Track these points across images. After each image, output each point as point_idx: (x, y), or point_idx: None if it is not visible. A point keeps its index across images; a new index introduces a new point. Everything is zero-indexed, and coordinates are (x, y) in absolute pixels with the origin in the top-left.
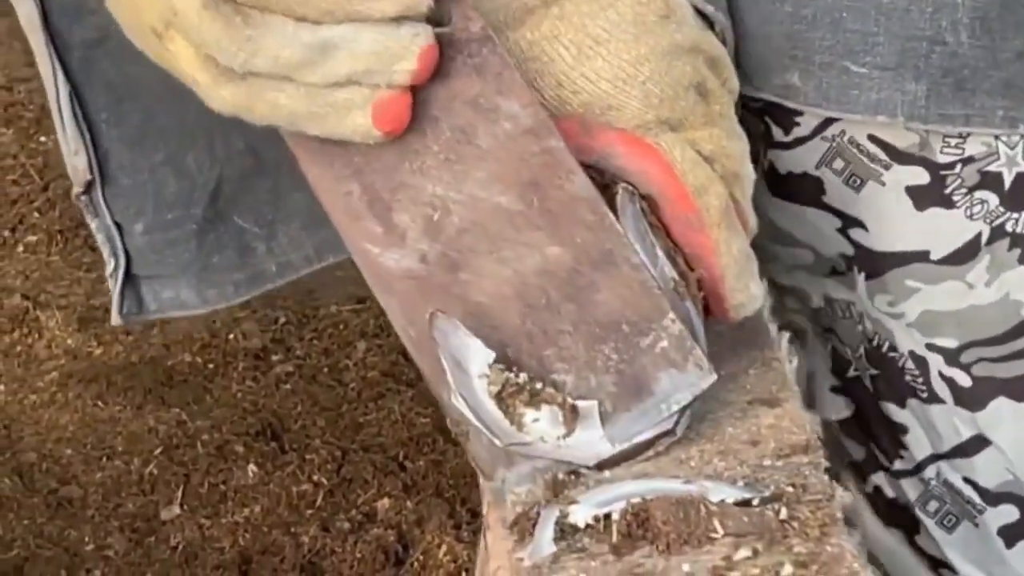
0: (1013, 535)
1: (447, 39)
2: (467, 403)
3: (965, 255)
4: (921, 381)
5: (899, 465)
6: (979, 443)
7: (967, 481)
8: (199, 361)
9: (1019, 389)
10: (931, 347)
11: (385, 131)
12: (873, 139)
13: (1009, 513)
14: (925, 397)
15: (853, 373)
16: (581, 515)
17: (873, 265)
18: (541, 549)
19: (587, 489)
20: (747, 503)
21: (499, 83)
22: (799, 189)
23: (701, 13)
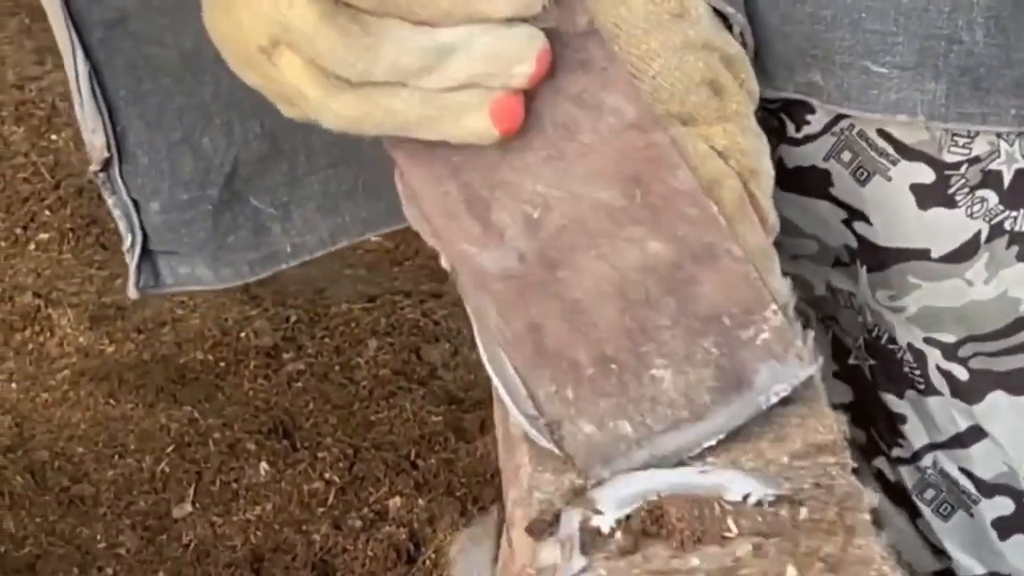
0: (1007, 527)
1: (552, 33)
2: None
3: (965, 253)
4: (919, 373)
5: (897, 453)
6: (976, 434)
7: (963, 471)
8: (211, 359)
9: (1016, 383)
10: (929, 341)
11: (503, 131)
12: (882, 134)
13: (1004, 505)
14: (923, 389)
15: (853, 361)
16: (605, 520)
17: (875, 259)
18: (572, 567)
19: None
20: (761, 503)
21: (604, 78)
22: (807, 182)
23: (720, 13)
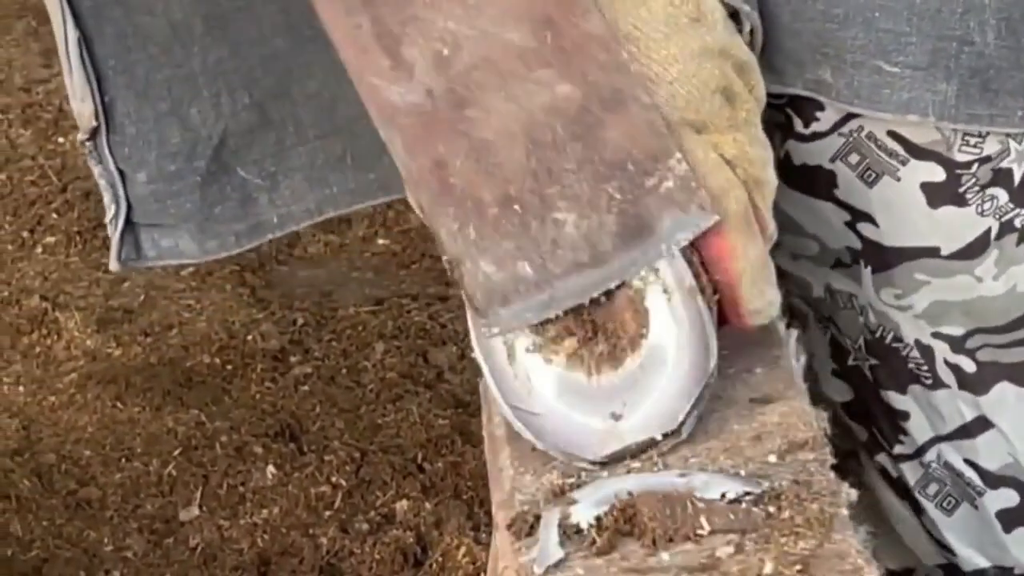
0: (1011, 519)
1: None
2: None
3: (974, 250)
4: (926, 369)
5: (899, 449)
6: (982, 424)
7: (968, 463)
8: (217, 362)
9: (1023, 375)
10: (937, 335)
11: None
12: (893, 135)
13: (1009, 497)
14: (929, 383)
15: (852, 362)
16: (583, 516)
17: (881, 259)
18: (548, 556)
19: (584, 487)
20: (737, 500)
21: None
22: (812, 181)
23: (732, 12)
